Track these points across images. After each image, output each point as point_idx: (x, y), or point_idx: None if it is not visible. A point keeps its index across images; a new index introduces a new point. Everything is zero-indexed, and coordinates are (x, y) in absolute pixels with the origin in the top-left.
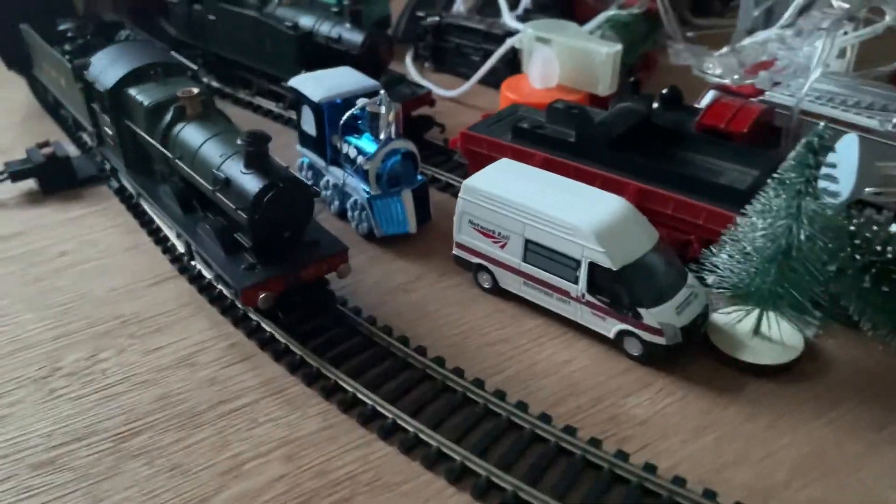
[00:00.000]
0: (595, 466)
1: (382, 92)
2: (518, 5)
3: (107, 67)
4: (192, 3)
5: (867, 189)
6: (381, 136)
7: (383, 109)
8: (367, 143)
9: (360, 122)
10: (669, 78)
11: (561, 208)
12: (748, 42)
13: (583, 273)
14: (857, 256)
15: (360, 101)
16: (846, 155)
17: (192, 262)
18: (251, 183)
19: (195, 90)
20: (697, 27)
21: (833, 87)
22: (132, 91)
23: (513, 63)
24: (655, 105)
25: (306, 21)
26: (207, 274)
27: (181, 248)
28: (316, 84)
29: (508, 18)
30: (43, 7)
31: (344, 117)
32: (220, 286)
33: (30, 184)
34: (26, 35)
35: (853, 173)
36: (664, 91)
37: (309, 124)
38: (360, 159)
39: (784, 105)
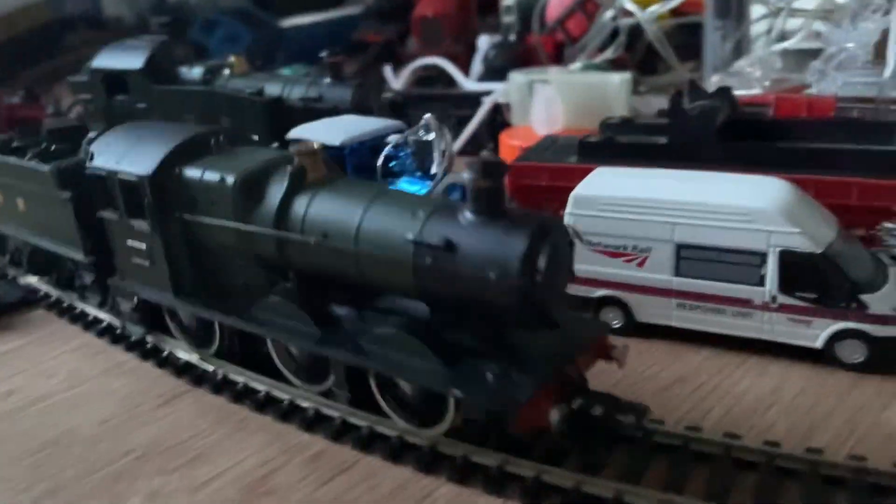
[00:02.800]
0: None
1: (429, 115)
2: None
3: (130, 152)
4: (113, 94)
5: None
6: (434, 170)
7: (433, 136)
8: (410, 186)
9: (393, 163)
10: None
11: (721, 196)
12: (738, 66)
13: (771, 268)
14: None
15: (392, 139)
16: None
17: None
18: (509, 235)
19: (315, 144)
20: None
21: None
22: (192, 172)
23: (493, 125)
24: None
25: (271, 88)
26: (385, 404)
27: (298, 379)
28: (328, 130)
29: (469, 83)
30: None
31: (381, 157)
32: (394, 414)
33: None
34: None
35: None
36: (719, 89)
37: None
38: None
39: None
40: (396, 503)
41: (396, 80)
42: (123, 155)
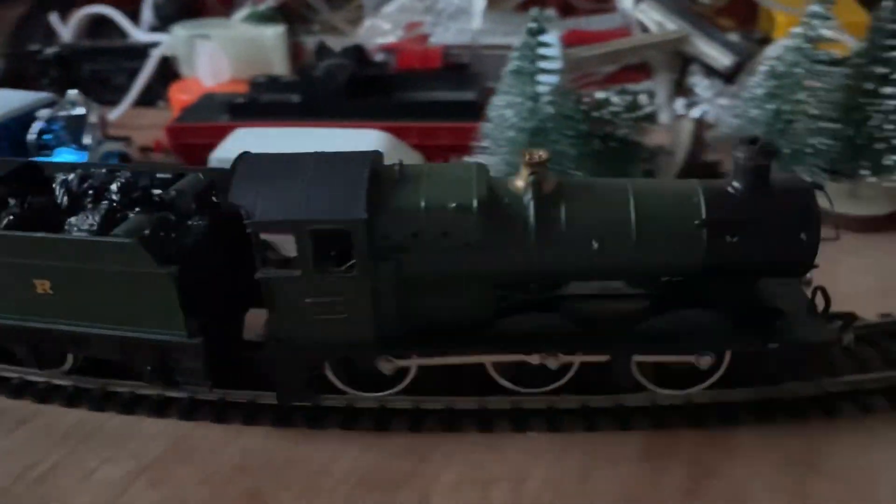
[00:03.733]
0: None
1: (75, 91)
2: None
3: (309, 197)
4: None
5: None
6: (88, 141)
7: (83, 110)
8: (67, 157)
9: (47, 136)
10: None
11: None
12: (387, 12)
13: None
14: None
15: (43, 113)
16: None
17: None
18: (799, 200)
19: (542, 153)
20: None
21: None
22: (406, 203)
23: (166, 77)
24: None
25: None
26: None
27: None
28: None
29: (140, 34)
30: None
31: (33, 133)
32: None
33: None
34: None
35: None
36: (347, 48)
37: None
38: None
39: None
40: (72, 439)
41: (65, 29)
42: (300, 201)
